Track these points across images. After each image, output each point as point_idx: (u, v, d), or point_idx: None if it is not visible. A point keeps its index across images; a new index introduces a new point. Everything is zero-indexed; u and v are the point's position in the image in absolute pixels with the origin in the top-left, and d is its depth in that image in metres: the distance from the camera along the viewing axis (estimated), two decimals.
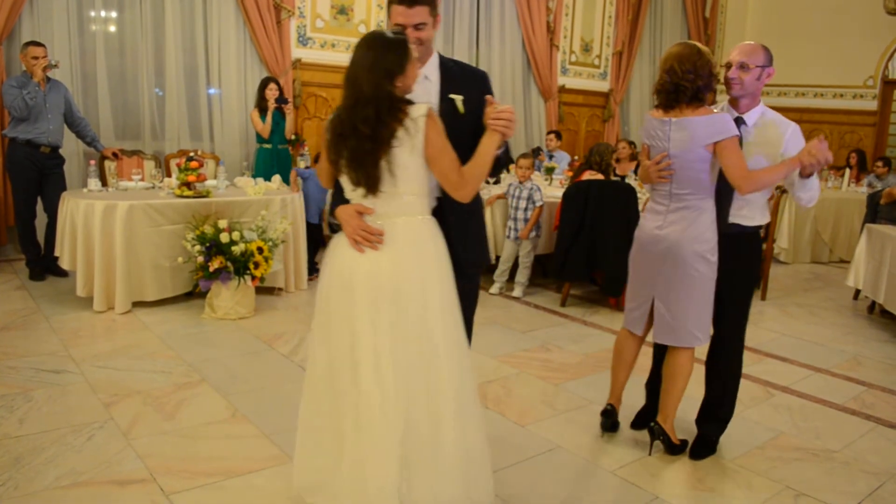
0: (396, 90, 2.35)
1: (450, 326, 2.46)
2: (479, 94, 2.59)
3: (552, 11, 9.97)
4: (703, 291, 3.16)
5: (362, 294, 2.39)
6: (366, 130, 2.32)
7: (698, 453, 3.36)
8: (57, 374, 3.94)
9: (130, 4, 6.86)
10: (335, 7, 8.04)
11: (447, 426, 2.43)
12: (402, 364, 2.38)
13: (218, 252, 4.93)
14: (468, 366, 2.52)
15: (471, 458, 2.48)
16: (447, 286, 2.47)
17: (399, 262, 2.41)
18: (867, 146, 11.19)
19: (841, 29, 11.32)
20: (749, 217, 3.20)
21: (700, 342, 3.22)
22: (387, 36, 2.37)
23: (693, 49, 3.05)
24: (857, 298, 6.62)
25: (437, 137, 2.36)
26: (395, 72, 2.33)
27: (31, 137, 5.64)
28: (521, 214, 5.95)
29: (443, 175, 2.41)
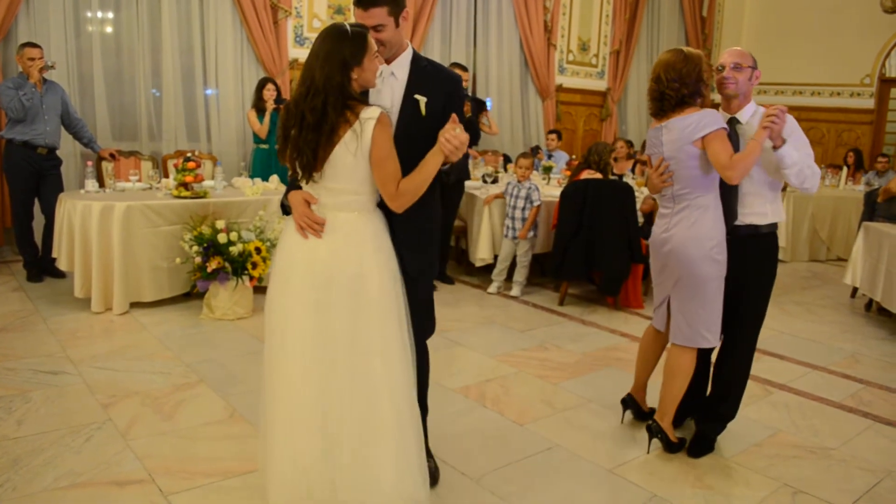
0: (353, 83, 2.38)
1: (387, 322, 2.49)
2: (446, 97, 2.61)
3: (549, 11, 9.97)
4: (711, 291, 3.16)
5: (297, 278, 2.48)
6: (310, 120, 2.36)
7: (696, 451, 3.36)
8: (55, 376, 3.94)
9: (127, 5, 6.85)
10: (332, 7, 8.04)
11: (377, 423, 2.45)
12: (326, 354, 2.44)
13: (216, 252, 4.93)
14: (405, 363, 2.53)
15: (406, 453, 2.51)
16: (386, 282, 2.50)
17: (335, 252, 2.46)
18: (864, 144, 11.21)
19: (838, 27, 11.33)
20: (761, 214, 3.18)
21: (709, 343, 3.23)
22: (344, 28, 2.39)
23: (679, 56, 3.11)
24: (855, 296, 6.63)
25: (384, 144, 2.38)
26: (349, 63, 2.35)
27: (28, 139, 5.63)
28: (518, 214, 5.95)
29: (381, 183, 2.44)
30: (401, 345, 2.51)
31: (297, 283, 2.49)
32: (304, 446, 2.46)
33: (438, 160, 2.43)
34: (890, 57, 11.17)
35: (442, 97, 2.60)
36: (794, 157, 3.03)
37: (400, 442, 2.49)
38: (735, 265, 3.19)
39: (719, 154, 3.00)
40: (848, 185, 9.27)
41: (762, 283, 3.28)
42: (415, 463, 2.54)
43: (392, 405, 2.48)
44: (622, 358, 4.68)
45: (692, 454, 3.35)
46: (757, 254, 3.23)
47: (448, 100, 2.62)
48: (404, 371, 2.52)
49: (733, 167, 2.98)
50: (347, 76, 2.36)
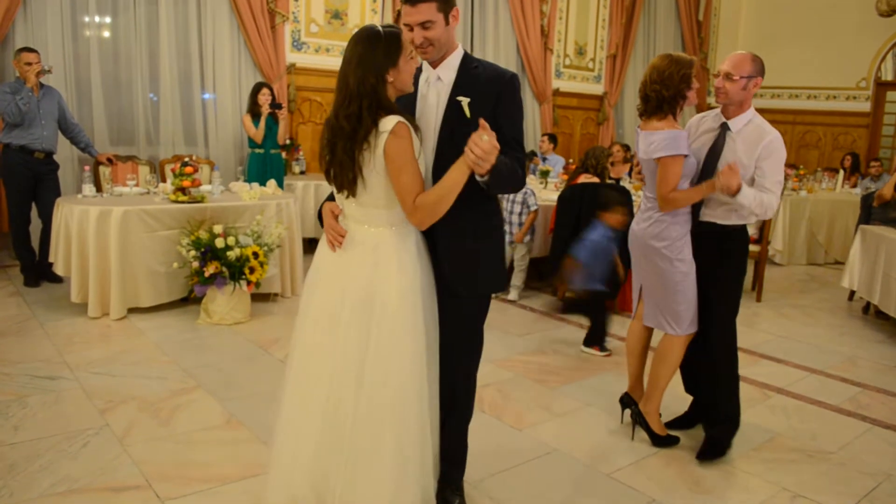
0: (389, 87, 2.31)
1: (398, 344, 2.38)
2: (495, 97, 2.43)
3: (546, 15, 9.99)
4: (667, 283, 3.31)
5: (320, 291, 2.49)
6: (347, 127, 2.28)
7: (704, 455, 3.36)
8: (52, 381, 3.93)
9: (124, 9, 6.85)
10: (329, 12, 8.04)
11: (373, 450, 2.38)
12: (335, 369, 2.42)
13: (213, 257, 4.92)
14: (419, 381, 2.42)
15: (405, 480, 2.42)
16: (409, 300, 2.39)
17: (350, 267, 2.42)
18: (861, 147, 11.23)
19: (833, 31, 11.36)
20: (723, 216, 3.25)
21: (673, 331, 3.36)
22: (376, 29, 2.31)
23: (666, 60, 3.20)
24: (852, 299, 6.64)
25: (398, 156, 2.26)
26: (382, 66, 2.27)
27: (25, 143, 5.63)
28: (515, 219, 5.95)
29: (398, 196, 2.33)
30: (412, 367, 2.40)
31: (318, 296, 2.49)
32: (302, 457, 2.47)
33: (463, 172, 2.27)
34: (885, 60, 11.21)
35: (492, 98, 2.42)
36: (751, 199, 3.10)
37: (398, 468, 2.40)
38: (700, 261, 3.31)
39: (663, 182, 3.18)
40: (845, 189, 9.29)
41: (726, 278, 3.32)
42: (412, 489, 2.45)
43: (393, 432, 2.38)
44: (620, 362, 4.67)
45: (700, 458, 3.35)
46: (719, 251, 3.29)
47: (498, 101, 2.44)
48: (414, 394, 2.41)
49: (667, 202, 3.20)
50: (382, 78, 2.28)
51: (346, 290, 2.41)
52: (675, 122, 3.22)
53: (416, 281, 2.42)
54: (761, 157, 3.13)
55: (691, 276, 3.29)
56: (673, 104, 3.18)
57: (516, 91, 2.49)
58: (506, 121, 2.43)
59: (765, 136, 3.15)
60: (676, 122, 3.23)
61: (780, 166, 3.16)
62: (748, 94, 3.20)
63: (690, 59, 3.22)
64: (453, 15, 2.44)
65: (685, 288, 3.29)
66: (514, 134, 2.46)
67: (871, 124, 11.38)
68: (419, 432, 2.45)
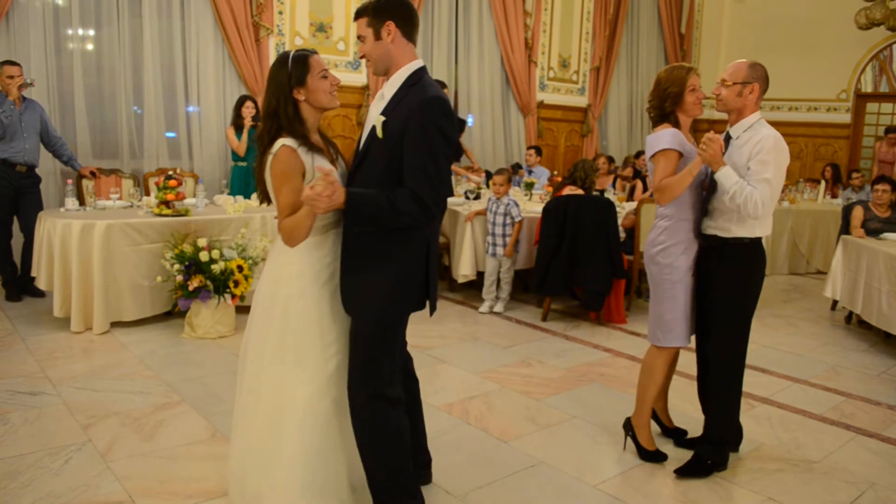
0: (303, 104, 2.52)
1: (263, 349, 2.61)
2: (405, 122, 2.39)
3: (530, 28, 10.05)
4: (657, 289, 3.35)
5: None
6: (262, 146, 2.53)
7: (683, 471, 3.33)
8: (33, 396, 3.88)
9: (108, 22, 6.83)
10: (314, 24, 8.05)
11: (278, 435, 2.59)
12: (246, 369, 2.69)
13: (197, 271, 4.90)
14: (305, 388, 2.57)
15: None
16: (304, 303, 2.56)
17: (266, 272, 2.67)
18: (842, 158, 11.38)
19: (814, 43, 11.51)
20: (725, 229, 3.22)
21: (659, 342, 3.37)
22: (286, 53, 2.53)
23: (663, 73, 3.32)
24: (835, 309, 6.69)
25: (275, 177, 2.47)
26: (286, 86, 2.48)
27: (7, 156, 5.59)
28: (499, 230, 5.96)
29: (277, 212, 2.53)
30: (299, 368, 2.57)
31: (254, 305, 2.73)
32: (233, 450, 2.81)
33: (308, 212, 2.37)
34: (865, 72, 11.37)
35: (402, 123, 2.40)
36: (731, 181, 3.05)
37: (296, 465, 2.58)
38: (701, 275, 3.31)
39: (655, 174, 3.21)
40: (826, 199, 9.38)
41: (727, 294, 3.25)
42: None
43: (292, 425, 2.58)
44: (606, 373, 4.69)
45: (678, 472, 3.33)
46: (722, 265, 3.25)
47: (406, 127, 2.39)
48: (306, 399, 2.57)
49: (660, 190, 3.19)
50: (287, 99, 2.48)
51: (258, 291, 2.67)
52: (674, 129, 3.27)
53: (314, 288, 2.56)
54: (751, 156, 3.10)
55: (682, 285, 3.28)
56: (668, 115, 3.27)
57: (427, 119, 2.37)
58: (407, 150, 2.38)
59: (756, 136, 3.12)
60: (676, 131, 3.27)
61: (768, 166, 3.05)
62: (745, 100, 3.18)
63: (684, 69, 3.28)
64: (386, 30, 2.46)
65: (674, 296, 3.29)
66: (418, 163, 2.36)
67: (851, 135, 11.53)
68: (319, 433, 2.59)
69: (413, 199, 2.34)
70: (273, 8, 7.69)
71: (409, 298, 2.54)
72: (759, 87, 3.19)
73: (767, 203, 3.05)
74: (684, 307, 3.31)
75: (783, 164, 3.11)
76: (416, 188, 2.35)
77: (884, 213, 6.43)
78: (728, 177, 3.06)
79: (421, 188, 2.35)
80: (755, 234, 3.22)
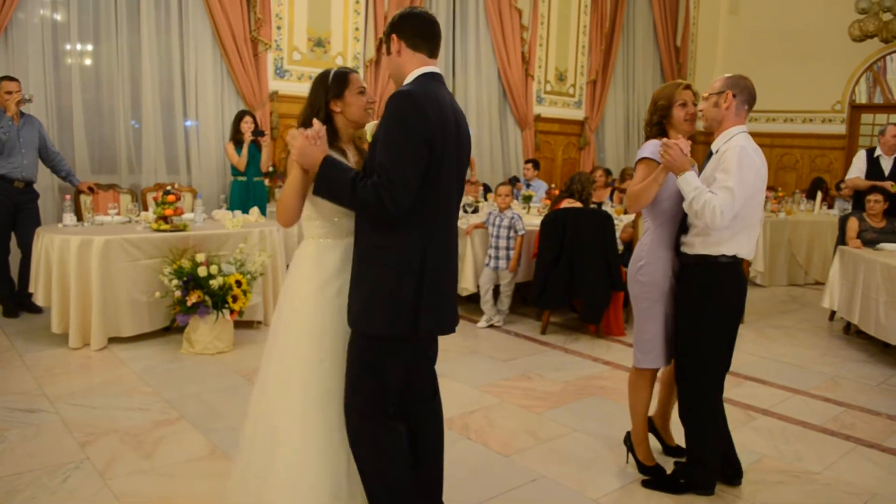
0: (339, 116, 2.61)
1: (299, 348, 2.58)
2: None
3: (527, 42, 10.10)
4: (639, 311, 3.32)
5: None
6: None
7: (649, 483, 3.33)
8: (31, 414, 3.87)
9: (107, 37, 6.85)
10: (312, 39, 8.09)
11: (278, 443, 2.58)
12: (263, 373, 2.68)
13: (196, 286, 4.89)
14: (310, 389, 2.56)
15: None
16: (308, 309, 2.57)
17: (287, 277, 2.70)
18: (837, 169, 11.43)
19: (809, 55, 11.58)
20: (689, 244, 3.14)
21: (639, 363, 3.35)
22: (328, 70, 2.67)
23: (657, 89, 3.36)
24: (833, 319, 6.70)
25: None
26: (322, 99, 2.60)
27: (5, 172, 5.59)
28: (502, 243, 5.96)
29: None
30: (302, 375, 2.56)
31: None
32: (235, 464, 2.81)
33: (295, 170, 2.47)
34: (859, 84, 11.43)
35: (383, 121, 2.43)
36: (690, 186, 2.97)
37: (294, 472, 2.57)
38: (678, 292, 3.24)
39: (631, 182, 3.23)
40: (822, 210, 9.41)
41: (685, 315, 3.18)
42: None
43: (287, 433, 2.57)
44: (605, 386, 4.68)
45: (644, 483, 3.33)
46: (696, 284, 3.14)
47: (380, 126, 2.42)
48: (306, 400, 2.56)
49: (629, 198, 3.21)
50: (321, 109, 2.58)
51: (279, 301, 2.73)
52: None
53: (323, 293, 2.55)
54: (718, 166, 3.03)
55: (661, 305, 3.24)
56: (660, 129, 3.29)
57: (391, 114, 2.36)
58: (378, 146, 2.37)
59: (727, 148, 3.04)
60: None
61: (730, 175, 2.93)
62: (722, 111, 3.11)
63: (672, 84, 3.30)
64: (394, 45, 2.54)
65: (653, 316, 3.26)
66: (382, 159, 2.33)
67: (846, 146, 11.57)
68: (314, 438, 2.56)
69: (373, 190, 2.30)
70: (271, 23, 7.72)
71: (383, 322, 2.39)
72: (734, 96, 3.10)
73: (727, 211, 2.90)
74: (662, 328, 3.27)
75: (749, 175, 2.96)
76: (376, 181, 2.31)
77: (878, 223, 6.44)
78: (688, 182, 2.98)
79: (380, 182, 2.30)
80: (719, 253, 3.07)
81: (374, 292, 2.40)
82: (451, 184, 2.48)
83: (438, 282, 2.45)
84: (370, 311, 2.40)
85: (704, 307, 3.11)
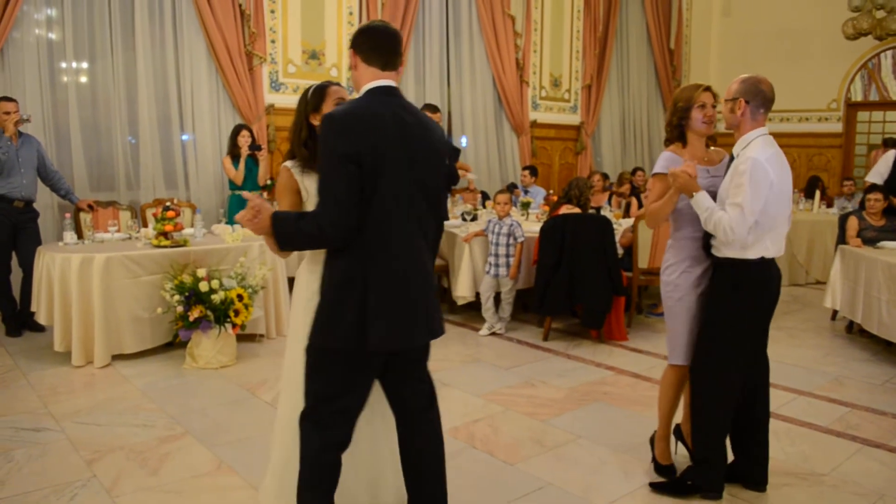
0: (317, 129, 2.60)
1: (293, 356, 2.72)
2: None
3: (521, 48, 10.12)
4: (666, 309, 3.39)
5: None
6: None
7: (656, 484, 3.36)
8: (37, 433, 3.87)
9: (102, 55, 6.86)
10: (306, 52, 8.10)
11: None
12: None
13: (197, 301, 4.89)
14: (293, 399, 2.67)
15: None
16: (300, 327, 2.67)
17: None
18: (835, 167, 11.47)
19: (803, 54, 11.61)
20: (716, 248, 3.18)
21: (671, 359, 3.39)
22: (310, 85, 2.85)
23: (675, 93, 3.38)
24: (835, 319, 6.70)
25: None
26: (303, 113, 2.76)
27: (5, 192, 5.60)
28: (502, 250, 5.96)
29: None
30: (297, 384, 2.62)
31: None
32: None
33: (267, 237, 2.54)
34: (854, 82, 11.46)
35: None
36: (702, 207, 3.08)
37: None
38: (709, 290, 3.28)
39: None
40: (822, 209, 9.41)
41: (713, 307, 3.21)
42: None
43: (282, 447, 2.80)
44: (609, 392, 4.68)
45: (650, 485, 3.36)
46: (718, 283, 3.20)
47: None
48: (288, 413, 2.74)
49: (648, 215, 3.33)
50: (301, 124, 2.75)
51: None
52: (680, 148, 3.32)
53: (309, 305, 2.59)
54: (733, 179, 3.07)
55: (683, 304, 3.27)
56: (680, 132, 3.32)
57: (322, 136, 2.40)
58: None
59: (740, 160, 3.07)
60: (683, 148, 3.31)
61: (741, 189, 2.99)
62: (737, 117, 3.13)
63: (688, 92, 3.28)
64: (352, 62, 2.59)
65: (676, 314, 3.31)
66: (319, 185, 2.40)
67: (843, 144, 11.60)
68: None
69: (313, 221, 2.36)
70: (265, 37, 7.74)
71: (329, 336, 2.42)
72: (747, 103, 3.11)
73: (737, 228, 2.98)
74: (684, 326, 3.30)
75: (761, 189, 2.98)
76: (314, 212, 2.40)
77: (878, 221, 6.45)
78: (699, 203, 3.09)
79: (316, 211, 2.39)
80: (745, 257, 3.11)
81: (320, 306, 2.45)
82: (400, 195, 2.43)
83: (390, 295, 2.41)
84: (316, 323, 2.45)
85: (730, 304, 3.16)
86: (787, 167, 3.16)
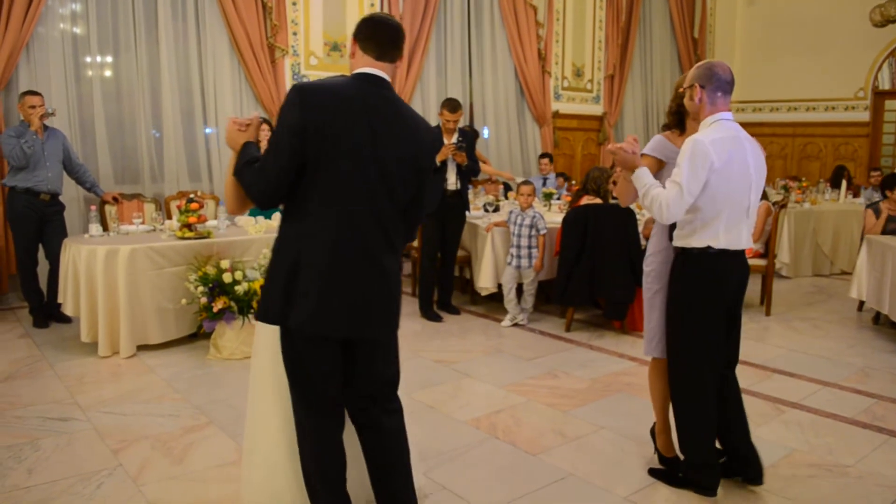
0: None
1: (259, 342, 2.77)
2: None
3: (543, 39, 10.07)
4: (645, 300, 3.42)
5: None
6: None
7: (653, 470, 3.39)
8: (64, 422, 3.92)
9: (126, 48, 6.92)
10: (328, 44, 8.12)
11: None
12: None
13: (221, 292, 4.93)
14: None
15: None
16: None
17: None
18: (862, 157, 11.29)
19: (829, 43, 11.44)
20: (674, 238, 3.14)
21: (647, 352, 3.42)
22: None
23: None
24: (862, 310, 6.61)
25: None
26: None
27: (31, 185, 5.67)
28: (524, 242, 5.94)
29: None
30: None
31: None
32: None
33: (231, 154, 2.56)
34: (882, 70, 11.26)
35: None
36: (641, 182, 3.02)
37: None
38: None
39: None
40: (848, 199, 9.29)
41: (674, 304, 3.15)
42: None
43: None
44: (632, 383, 4.66)
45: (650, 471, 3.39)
46: (673, 274, 3.16)
47: None
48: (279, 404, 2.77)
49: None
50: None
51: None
52: (676, 135, 3.30)
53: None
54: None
55: (661, 295, 3.27)
56: (680, 117, 3.30)
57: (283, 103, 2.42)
58: None
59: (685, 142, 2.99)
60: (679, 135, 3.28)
61: (681, 169, 2.89)
62: (695, 104, 3.04)
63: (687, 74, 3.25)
64: (350, 49, 2.59)
65: (653, 305, 3.32)
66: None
67: (871, 133, 11.41)
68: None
69: (247, 174, 2.45)
70: (287, 29, 7.77)
71: (260, 310, 2.49)
72: (701, 87, 3.00)
73: (673, 206, 2.88)
74: (660, 318, 3.27)
75: (698, 168, 2.86)
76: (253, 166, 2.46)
77: None
78: (639, 178, 3.03)
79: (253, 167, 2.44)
80: (690, 245, 3.02)
81: (265, 281, 2.52)
82: (351, 181, 2.36)
83: (322, 277, 2.36)
84: (261, 298, 2.53)
85: (676, 298, 3.14)
86: (749, 154, 2.99)
